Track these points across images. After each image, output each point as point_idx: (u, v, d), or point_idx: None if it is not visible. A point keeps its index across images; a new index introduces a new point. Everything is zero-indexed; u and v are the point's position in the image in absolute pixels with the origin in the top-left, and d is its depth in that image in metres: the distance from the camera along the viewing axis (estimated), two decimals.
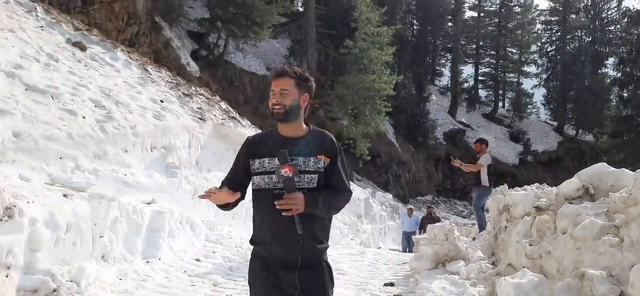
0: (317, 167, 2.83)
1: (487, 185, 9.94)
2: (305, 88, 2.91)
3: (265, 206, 2.78)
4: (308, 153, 2.83)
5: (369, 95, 26.83)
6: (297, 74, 2.90)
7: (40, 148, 6.17)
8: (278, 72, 2.90)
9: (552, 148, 50.69)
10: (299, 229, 2.71)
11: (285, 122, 2.85)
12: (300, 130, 2.91)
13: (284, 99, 2.81)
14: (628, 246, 4.60)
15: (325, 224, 2.91)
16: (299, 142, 2.86)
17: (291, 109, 2.83)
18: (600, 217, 5.12)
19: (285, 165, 2.68)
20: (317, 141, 2.90)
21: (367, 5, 28.46)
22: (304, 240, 2.75)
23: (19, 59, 7.95)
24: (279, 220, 2.73)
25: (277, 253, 2.81)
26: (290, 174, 2.68)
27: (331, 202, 2.83)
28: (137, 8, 19.35)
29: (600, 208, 5.23)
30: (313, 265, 2.84)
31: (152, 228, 6.83)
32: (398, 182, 36.10)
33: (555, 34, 60.12)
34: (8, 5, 10.05)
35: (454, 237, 7.51)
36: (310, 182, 2.78)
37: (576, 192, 5.74)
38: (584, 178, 5.87)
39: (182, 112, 10.39)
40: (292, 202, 2.66)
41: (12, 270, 4.66)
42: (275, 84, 2.86)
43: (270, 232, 2.81)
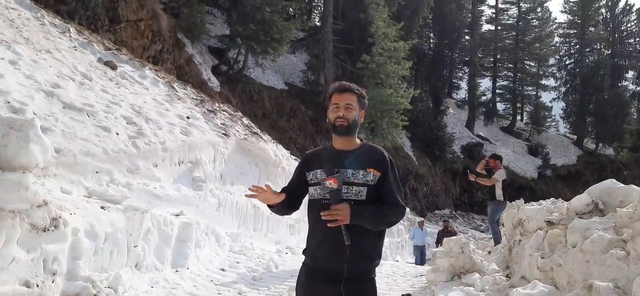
0: (366, 180, 2.84)
1: (501, 199, 10.20)
2: (363, 105, 3.01)
3: (314, 215, 2.85)
4: (357, 165, 2.85)
5: (386, 109, 27.08)
6: (359, 91, 3.00)
7: (78, 163, 6.59)
8: (343, 87, 2.97)
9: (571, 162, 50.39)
10: (346, 239, 2.72)
11: (345, 136, 2.92)
12: (353, 144, 2.97)
13: (348, 113, 2.89)
14: (634, 259, 4.85)
15: (376, 240, 2.90)
16: (349, 155, 2.90)
17: (353, 123, 2.91)
18: (609, 232, 5.37)
19: (330, 176, 2.75)
20: (367, 154, 2.93)
21: (384, 20, 28.80)
22: (351, 251, 2.74)
23: (56, 79, 8.44)
24: (326, 230, 2.76)
25: (323, 263, 2.84)
26: (334, 186, 2.74)
27: (381, 215, 2.82)
28: (161, 26, 19.96)
29: (609, 223, 5.47)
30: (360, 281, 2.82)
31: (180, 238, 7.20)
32: (415, 196, 36.20)
33: (574, 46, 59.97)
34: (44, 27, 10.59)
35: (469, 250, 7.78)
36: (358, 194, 2.81)
37: (586, 207, 5.99)
38: (594, 194, 6.12)
39: (207, 128, 10.81)
40: (336, 213, 2.69)
41: (57, 276, 5.05)
42: (339, 98, 2.92)
43: (316, 241, 2.87)
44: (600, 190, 6.18)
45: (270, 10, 24.82)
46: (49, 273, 4.95)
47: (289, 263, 8.98)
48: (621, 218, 5.22)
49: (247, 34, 24.57)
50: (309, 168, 2.98)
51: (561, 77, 59.29)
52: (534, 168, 48.11)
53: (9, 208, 4.52)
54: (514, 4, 59.27)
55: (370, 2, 30.25)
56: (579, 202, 6.09)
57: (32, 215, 4.76)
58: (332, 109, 2.93)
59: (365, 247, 2.81)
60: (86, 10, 16.52)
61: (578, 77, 55.98)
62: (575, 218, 5.93)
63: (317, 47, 33.33)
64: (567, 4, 59.37)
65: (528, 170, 47.40)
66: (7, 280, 4.55)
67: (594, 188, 6.24)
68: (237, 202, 9.91)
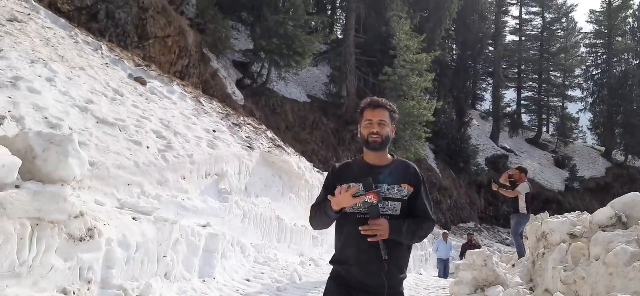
0: (401, 195, 2.90)
1: (525, 213, 10.20)
2: (394, 120, 3.05)
3: (350, 229, 2.87)
4: (392, 181, 2.91)
5: (409, 121, 27.12)
6: (391, 107, 3.05)
7: (111, 176, 6.85)
8: (376, 104, 3.01)
9: (600, 175, 49.63)
10: (385, 255, 2.76)
11: (379, 151, 2.96)
12: (385, 159, 3.02)
13: (382, 130, 2.93)
14: None
15: (407, 254, 3.00)
16: (383, 170, 2.95)
17: (387, 139, 2.96)
18: (632, 245, 5.41)
19: (370, 192, 2.77)
20: (400, 170, 2.98)
21: (406, 33, 28.90)
22: (389, 266, 2.80)
23: (90, 95, 8.77)
24: (363, 244, 2.79)
25: (359, 277, 2.86)
26: (374, 201, 2.77)
27: (415, 230, 2.89)
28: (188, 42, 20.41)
29: (632, 236, 5.51)
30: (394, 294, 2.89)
31: (207, 249, 7.40)
32: (439, 209, 36.04)
33: (601, 57, 59.24)
34: (78, 45, 10.99)
35: (492, 263, 7.83)
36: (394, 210, 2.87)
37: (609, 220, 6.03)
38: (618, 207, 6.15)
39: (233, 141, 11.05)
40: (376, 228, 2.75)
41: (93, 284, 5.27)
42: (372, 114, 2.96)
43: (353, 255, 2.88)
44: (623, 203, 6.21)
45: (293, 24, 25.17)
46: (84, 282, 5.18)
47: (312, 274, 9.12)
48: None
49: (271, 49, 24.95)
50: (340, 181, 2.97)
51: (588, 88, 58.45)
52: (561, 181, 47.46)
53: (49, 219, 4.75)
54: (538, 15, 58.85)
55: (392, 15, 30.39)
56: (602, 215, 6.13)
57: (69, 225, 4.98)
58: (366, 125, 2.97)
59: (399, 261, 2.90)
60: (116, 27, 17.01)
61: (605, 88, 55.20)
62: (599, 231, 5.97)
63: (340, 59, 33.59)
64: (593, 14, 58.73)
65: (555, 183, 46.79)
66: (46, 287, 4.78)
67: (618, 202, 6.27)
68: (261, 214, 10.10)
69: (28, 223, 4.57)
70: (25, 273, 4.56)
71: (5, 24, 9.85)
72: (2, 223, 4.36)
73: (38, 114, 7.22)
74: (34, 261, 4.64)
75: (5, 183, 4.45)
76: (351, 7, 34.13)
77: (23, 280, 4.55)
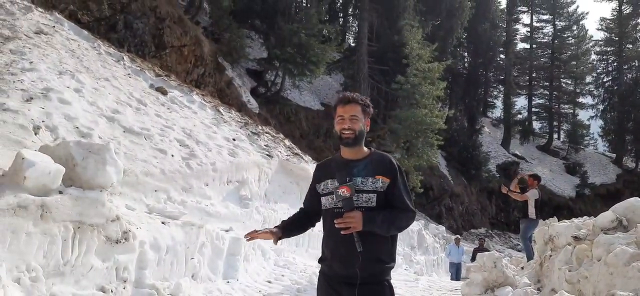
0: (375, 187, 2.92)
1: (533, 217, 10.55)
2: (368, 114, 3.07)
3: (328, 224, 2.98)
4: (366, 173, 2.93)
5: (421, 129, 27.40)
6: (363, 101, 3.06)
7: (140, 183, 7.27)
8: (347, 99, 3.03)
9: (610, 181, 49.54)
10: (358, 247, 2.80)
11: (353, 147, 3.00)
12: (361, 153, 3.05)
13: (354, 125, 2.96)
14: None
15: (388, 244, 2.98)
16: (358, 164, 2.98)
17: (360, 134, 2.99)
18: (631, 246, 5.75)
19: (342, 185, 2.85)
20: (375, 162, 3.00)
21: (418, 41, 29.20)
22: (363, 257, 2.83)
23: (116, 105, 9.22)
24: (339, 238, 2.86)
25: (338, 270, 2.94)
26: (347, 194, 2.82)
27: (392, 220, 2.91)
28: (203, 51, 20.93)
29: (631, 238, 5.84)
30: (374, 284, 2.90)
31: (230, 252, 7.79)
32: (451, 215, 36.28)
33: (611, 64, 59.14)
34: (100, 56, 11.48)
35: (501, 265, 8.16)
36: (368, 201, 2.89)
37: (611, 223, 6.36)
38: (619, 211, 6.48)
39: (252, 149, 11.46)
40: (350, 221, 2.79)
41: (127, 283, 5.68)
42: (343, 110, 2.99)
43: (331, 249, 2.98)
44: (624, 207, 6.55)
45: (306, 33, 25.59)
46: (120, 281, 5.58)
47: None
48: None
49: (285, 57, 25.38)
50: (319, 180, 3.12)
51: (599, 95, 58.55)
52: (571, 187, 47.50)
53: (89, 222, 5.17)
54: (549, 22, 59.00)
55: (405, 24, 30.69)
56: (604, 218, 6.47)
57: (107, 228, 5.40)
58: (338, 121, 3.01)
59: (377, 252, 2.90)
60: (134, 37, 17.55)
61: (616, 95, 55.07)
62: (601, 233, 6.31)
63: (353, 68, 33.99)
64: (604, 22, 58.66)
65: (565, 189, 46.82)
66: (87, 285, 5.18)
67: (619, 206, 6.61)
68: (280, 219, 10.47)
69: (70, 225, 4.99)
70: (69, 272, 4.98)
71: (33, 37, 10.33)
72: (49, 225, 4.78)
73: (69, 124, 7.67)
74: (76, 261, 5.05)
75: (50, 188, 4.87)
76: (364, 16, 34.53)
77: (66, 278, 4.96)
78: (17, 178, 4.66)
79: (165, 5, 19.43)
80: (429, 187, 32.96)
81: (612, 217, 6.41)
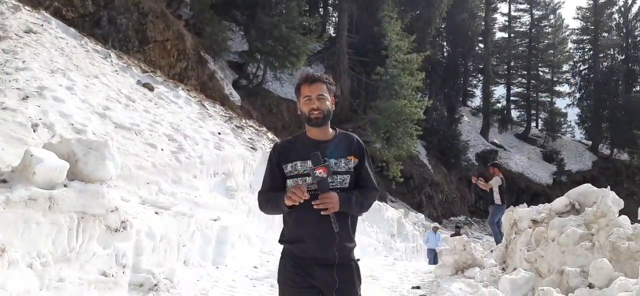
0: (348, 168, 2.91)
1: (499, 203, 11.28)
2: (332, 92, 3.01)
3: (301, 206, 2.80)
4: (338, 154, 2.91)
5: (401, 119, 28.02)
6: (327, 79, 3.01)
7: (133, 176, 7.76)
8: (312, 78, 2.95)
9: (586, 168, 50.65)
10: (336, 227, 2.77)
11: (321, 126, 2.94)
12: (328, 133, 3.00)
13: (322, 104, 2.90)
14: (597, 248, 5.90)
15: (354, 224, 3.00)
16: (328, 145, 2.93)
17: (328, 113, 2.93)
18: (581, 227, 6.43)
19: (319, 166, 2.77)
20: (344, 143, 2.97)
21: (397, 33, 29.74)
22: (340, 238, 2.82)
23: (106, 101, 9.67)
24: (315, 219, 2.80)
25: (313, 252, 2.86)
26: (324, 175, 2.77)
27: (363, 201, 2.93)
28: (186, 45, 21.29)
29: (581, 220, 6.52)
30: (346, 263, 2.92)
31: (219, 240, 8.32)
32: (431, 203, 37.03)
33: (588, 52, 60.26)
34: (88, 53, 11.87)
35: (470, 248, 8.83)
36: (342, 182, 2.88)
37: (565, 207, 7.04)
38: (572, 196, 7.16)
39: (237, 143, 11.96)
40: (328, 201, 2.75)
41: (126, 268, 6.19)
42: (309, 89, 2.91)
43: (307, 232, 2.86)
44: (577, 193, 7.23)
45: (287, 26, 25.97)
46: (120, 266, 6.09)
47: None
48: (588, 216, 6.27)
49: (266, 50, 25.71)
50: (286, 161, 2.96)
51: (575, 83, 59.79)
52: (549, 174, 48.59)
53: (91, 212, 5.67)
54: (526, 12, 59.92)
55: (384, 15, 31.18)
56: (559, 203, 7.15)
57: (107, 218, 5.90)
58: (305, 102, 2.92)
59: (348, 232, 2.92)
60: (118, 33, 17.86)
61: (592, 83, 56.28)
62: (556, 217, 6.98)
63: (333, 59, 34.48)
64: (580, 11, 59.83)
65: (543, 177, 47.93)
66: (90, 270, 5.69)
67: (573, 192, 7.29)
68: None
69: (75, 216, 5.49)
70: (74, 258, 5.48)
71: (23, 36, 10.70)
72: (56, 216, 5.28)
73: (64, 121, 8.12)
74: (80, 248, 5.55)
75: (56, 182, 5.36)
76: (343, 7, 34.99)
77: (72, 263, 5.47)
78: (26, 173, 5.14)
79: (148, 1, 19.75)
80: (409, 176, 33.64)
81: (566, 201, 7.09)
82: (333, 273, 2.84)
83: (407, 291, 8.26)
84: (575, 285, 5.53)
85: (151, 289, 6.41)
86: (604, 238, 5.76)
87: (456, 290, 7.72)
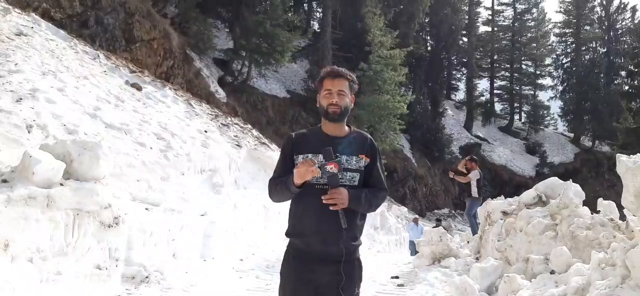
0: (359, 166, 2.91)
1: (476, 196, 11.77)
2: (353, 91, 3.03)
3: (308, 200, 2.84)
4: (350, 152, 2.90)
5: (384, 114, 28.41)
6: (351, 77, 3.01)
7: (124, 174, 8.10)
8: (336, 73, 2.97)
9: (568, 160, 51.40)
10: (344, 223, 2.77)
11: (338, 122, 2.95)
12: (343, 130, 3.00)
13: (341, 100, 2.90)
14: (560, 237, 6.37)
15: (362, 222, 3.01)
16: (342, 141, 2.93)
17: (346, 110, 2.95)
18: (546, 218, 6.90)
19: (330, 161, 2.77)
20: (358, 141, 2.98)
21: (380, 29, 30.07)
22: (347, 234, 2.82)
23: (96, 102, 9.98)
24: (322, 214, 2.80)
25: (317, 247, 2.86)
26: (335, 170, 2.77)
27: (372, 199, 2.93)
28: (172, 44, 21.55)
29: (547, 212, 7.00)
30: (351, 261, 2.91)
31: (206, 234, 8.69)
32: (415, 196, 37.54)
33: (570, 45, 60.95)
34: (78, 54, 12.15)
35: (446, 239, 9.30)
36: (352, 180, 2.88)
37: (532, 199, 7.52)
38: (540, 189, 7.65)
39: (222, 140, 12.32)
40: (337, 197, 2.74)
41: (119, 261, 6.55)
42: (332, 84, 2.92)
43: (312, 225, 2.86)
44: (545, 185, 7.72)
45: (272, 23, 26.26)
46: (113, 259, 6.45)
47: None
48: (553, 207, 6.75)
49: (251, 48, 26.02)
50: (299, 152, 2.97)
51: (558, 76, 60.39)
52: (531, 166, 49.22)
53: (86, 209, 6.02)
54: (509, 5, 60.49)
55: (367, 11, 31.55)
56: (527, 195, 7.64)
57: (101, 214, 6.25)
58: (325, 95, 2.94)
59: (355, 229, 2.93)
60: (105, 32, 18.11)
61: (574, 76, 57.01)
62: (524, 208, 7.46)
63: (317, 54, 34.80)
64: (562, 4, 60.39)
65: (526, 169, 48.57)
66: (85, 264, 6.04)
67: (541, 184, 7.78)
68: (250, 204, 11.39)
69: (71, 213, 5.84)
70: (71, 252, 5.84)
71: (14, 38, 10.96)
72: (53, 213, 5.63)
73: (57, 122, 8.43)
74: (76, 243, 5.91)
75: (54, 181, 5.71)
76: (327, 3, 35.26)
77: (69, 257, 5.82)
78: (26, 173, 5.48)
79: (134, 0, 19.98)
80: (393, 170, 34.09)
81: (534, 194, 7.58)
82: (340, 269, 2.82)
83: (387, 281, 8.70)
84: (539, 272, 5.99)
85: (142, 281, 6.77)
86: (566, 227, 6.22)
87: (432, 278, 8.17)
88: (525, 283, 5.66)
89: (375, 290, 7.99)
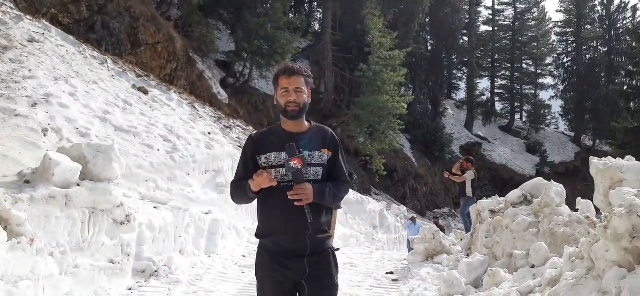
0: (322, 160, 2.96)
1: (471, 195, 12.24)
2: (310, 86, 3.07)
3: (274, 198, 2.88)
4: (312, 147, 2.95)
5: (384, 115, 28.76)
6: (306, 73, 3.05)
7: (133, 174, 8.58)
8: (291, 71, 2.98)
9: (569, 159, 51.44)
10: (309, 218, 2.82)
11: (297, 119, 2.98)
12: (303, 126, 3.05)
13: (299, 97, 2.94)
14: (542, 234, 6.83)
15: (329, 215, 3.05)
16: (303, 137, 2.97)
17: (304, 106, 2.98)
18: (530, 216, 7.36)
19: (294, 157, 2.81)
20: (319, 136, 3.03)
21: (380, 30, 30.36)
22: (313, 228, 2.86)
23: (106, 106, 10.48)
24: (288, 211, 2.84)
25: (287, 244, 2.91)
26: (299, 166, 2.81)
27: (336, 193, 2.99)
28: (176, 47, 22.07)
29: (530, 210, 7.46)
30: (320, 252, 2.96)
31: (211, 231, 9.17)
32: (415, 196, 37.85)
33: (571, 45, 60.90)
34: (86, 60, 12.64)
35: (439, 236, 9.78)
36: (316, 174, 2.93)
37: (518, 198, 7.99)
38: (526, 189, 8.11)
39: (225, 142, 12.80)
40: (302, 193, 2.79)
41: (130, 256, 7.02)
42: (288, 82, 2.94)
43: (280, 223, 2.91)
44: (531, 185, 8.18)
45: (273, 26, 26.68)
46: (125, 255, 6.93)
47: None
48: (536, 206, 7.21)
49: (253, 50, 26.40)
50: (260, 152, 2.99)
51: (559, 76, 60.41)
52: (532, 166, 49.31)
53: (100, 208, 6.51)
54: (510, 5, 60.45)
55: (367, 13, 31.86)
56: (513, 195, 8.11)
57: (114, 212, 6.73)
58: (282, 93, 2.96)
59: (321, 223, 2.97)
60: (111, 37, 18.61)
61: (575, 75, 57.14)
62: (510, 207, 7.93)
63: (318, 55, 35.21)
64: (563, 3, 60.27)
65: (526, 168, 48.65)
66: (100, 258, 6.52)
67: (526, 185, 8.25)
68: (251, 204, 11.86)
69: (87, 211, 6.33)
70: (87, 248, 6.32)
71: (27, 45, 11.45)
72: (71, 211, 6.11)
73: (70, 126, 8.93)
74: (92, 239, 6.39)
75: (71, 182, 6.19)
76: (328, 5, 35.60)
77: (85, 252, 6.30)
78: (46, 174, 5.96)
79: (139, 5, 20.48)
80: (393, 169, 34.47)
81: (519, 193, 8.05)
82: (304, 263, 2.85)
83: (382, 277, 9.16)
84: (521, 266, 6.44)
85: (152, 275, 7.26)
86: (547, 225, 6.68)
87: (424, 274, 8.64)
88: (507, 277, 6.13)
89: (370, 285, 8.45)
